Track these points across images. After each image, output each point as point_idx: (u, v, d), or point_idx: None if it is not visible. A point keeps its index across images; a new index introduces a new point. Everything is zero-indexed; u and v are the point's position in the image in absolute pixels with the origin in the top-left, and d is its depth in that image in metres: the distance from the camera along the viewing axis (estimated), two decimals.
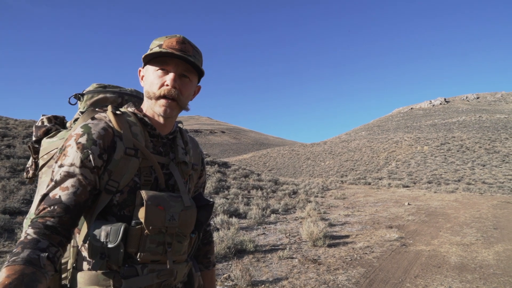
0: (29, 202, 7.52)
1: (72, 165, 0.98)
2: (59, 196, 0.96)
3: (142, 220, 0.99)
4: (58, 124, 1.30)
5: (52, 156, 1.17)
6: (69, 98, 1.24)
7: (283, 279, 4.42)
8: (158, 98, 1.09)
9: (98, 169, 1.01)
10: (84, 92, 1.26)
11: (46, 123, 1.28)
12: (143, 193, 1.01)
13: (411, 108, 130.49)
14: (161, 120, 1.14)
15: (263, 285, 4.17)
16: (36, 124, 1.28)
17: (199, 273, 1.29)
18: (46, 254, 0.85)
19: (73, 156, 0.99)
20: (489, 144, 43.68)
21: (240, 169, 20.46)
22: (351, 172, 36.50)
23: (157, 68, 1.09)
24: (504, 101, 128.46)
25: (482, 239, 6.79)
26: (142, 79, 1.17)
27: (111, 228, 0.97)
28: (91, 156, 0.99)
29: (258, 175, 20.47)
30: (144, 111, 1.16)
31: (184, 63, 1.10)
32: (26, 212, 6.88)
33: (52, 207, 0.94)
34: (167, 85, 1.08)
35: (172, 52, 1.05)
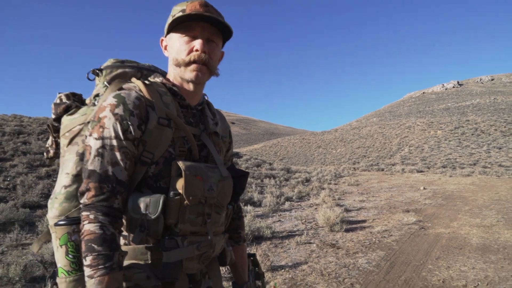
0: (47, 196, 7.63)
1: (115, 137, 0.95)
2: (113, 172, 0.93)
3: (181, 191, 0.96)
4: (76, 101, 1.25)
5: (77, 133, 1.13)
6: (88, 74, 1.19)
7: (303, 264, 4.40)
8: (188, 64, 1.05)
9: (138, 141, 0.99)
10: (102, 67, 1.21)
11: (64, 100, 1.23)
12: (181, 164, 0.98)
13: (423, 93, 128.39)
14: (191, 87, 1.10)
15: (283, 270, 4.15)
16: (55, 102, 1.23)
17: (230, 247, 1.26)
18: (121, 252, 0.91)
19: (113, 128, 0.95)
20: (505, 127, 42.76)
21: (252, 159, 20.47)
22: (363, 159, 36.20)
23: (183, 34, 1.05)
24: None
25: (503, 221, 6.65)
26: (165, 48, 1.12)
27: (150, 199, 0.94)
28: (131, 127, 0.96)
29: (270, 164, 20.45)
30: (175, 82, 1.12)
31: (210, 27, 1.05)
32: (45, 206, 7.00)
33: (109, 185, 0.92)
34: (196, 50, 1.04)
35: (201, 14, 1.00)
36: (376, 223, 6.88)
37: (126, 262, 0.97)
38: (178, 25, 1.05)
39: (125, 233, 0.99)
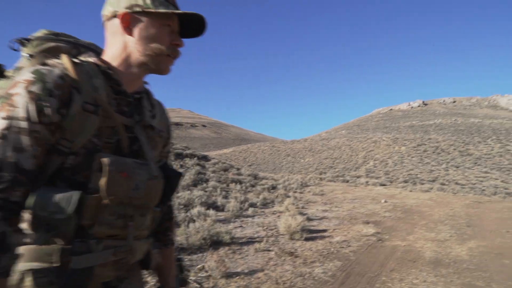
0: None
1: (25, 119, 0.80)
2: (16, 159, 0.79)
3: (102, 188, 0.84)
4: None
5: None
6: (11, 42, 1.00)
7: (259, 271, 4.31)
8: (166, 56, 0.99)
9: (55, 126, 0.84)
10: (30, 37, 1.02)
11: None
12: (104, 157, 0.86)
13: (391, 109, 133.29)
14: (141, 75, 1.01)
15: (238, 277, 4.05)
16: None
17: (156, 250, 1.15)
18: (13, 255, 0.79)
19: (24, 108, 0.80)
20: (463, 147, 45.09)
21: (219, 163, 20.26)
22: (330, 170, 36.89)
23: (165, 24, 0.97)
24: (478, 106, 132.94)
25: (456, 236, 6.90)
26: (127, 25, 0.96)
27: (61, 195, 0.81)
28: (48, 109, 0.82)
29: (238, 169, 20.34)
30: (114, 64, 0.98)
31: (178, 21, 1.01)
32: None
33: (8, 174, 0.78)
34: (177, 45, 0.99)
35: (196, 14, 0.96)
36: (336, 233, 6.93)
37: (26, 265, 0.81)
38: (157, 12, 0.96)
39: (28, 231, 0.83)
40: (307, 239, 6.19)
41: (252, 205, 10.34)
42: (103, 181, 0.84)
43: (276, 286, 3.81)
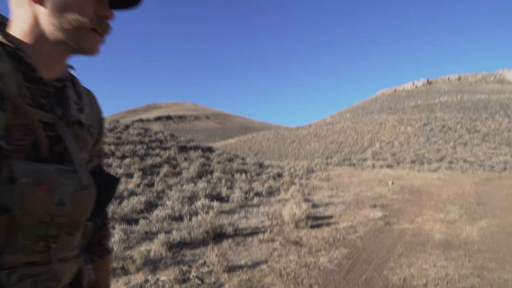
0: None
1: None
2: None
3: (13, 206, 0.65)
4: None
5: None
6: None
7: (262, 263, 4.19)
8: (90, 31, 0.78)
9: None
10: None
11: None
12: (15, 165, 0.66)
13: (395, 90, 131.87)
14: (64, 56, 0.81)
15: (240, 270, 3.93)
16: None
17: (90, 265, 0.94)
18: None
19: None
20: (470, 124, 44.49)
21: (224, 153, 20.15)
22: (336, 154, 36.66)
23: None
24: (484, 82, 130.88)
25: (466, 216, 6.73)
26: None
27: None
28: None
29: (243, 159, 20.22)
30: (27, 42, 0.76)
31: None
32: None
33: None
34: (105, 17, 0.78)
35: None
36: (342, 219, 6.79)
37: None
38: None
39: None
40: (312, 227, 6.06)
41: (258, 194, 10.23)
42: (15, 197, 0.65)
43: (279, 279, 3.68)
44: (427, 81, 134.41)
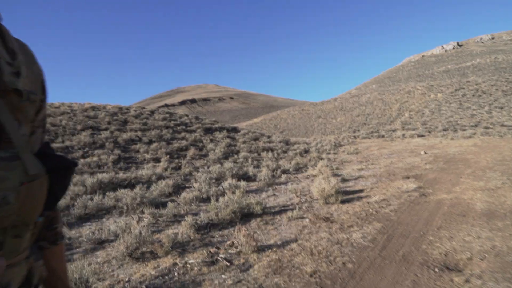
0: None
1: None
2: None
3: None
4: None
5: None
6: None
7: (292, 242, 4.05)
8: None
9: None
10: None
11: None
12: None
13: (422, 56, 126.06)
14: None
15: (270, 250, 3.80)
16: None
17: (40, 261, 0.78)
18: None
19: None
20: (506, 86, 41.95)
21: (249, 133, 20.04)
22: (364, 127, 35.73)
23: None
24: None
25: (509, 182, 6.28)
26: None
27: None
28: None
29: (269, 137, 20.03)
30: None
31: None
32: None
33: None
34: None
35: None
36: (374, 192, 6.52)
37: None
38: None
39: None
40: (343, 202, 5.84)
41: (285, 171, 10.07)
42: None
43: (311, 257, 3.52)
44: (458, 43, 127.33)
